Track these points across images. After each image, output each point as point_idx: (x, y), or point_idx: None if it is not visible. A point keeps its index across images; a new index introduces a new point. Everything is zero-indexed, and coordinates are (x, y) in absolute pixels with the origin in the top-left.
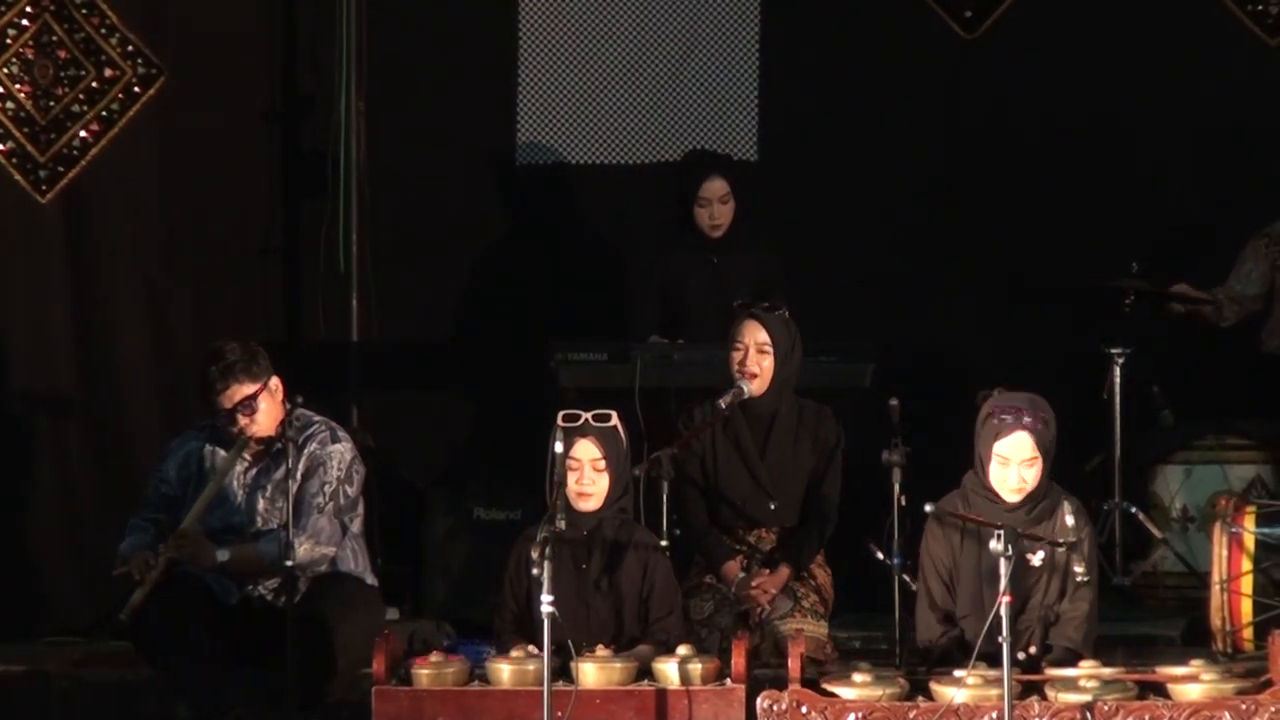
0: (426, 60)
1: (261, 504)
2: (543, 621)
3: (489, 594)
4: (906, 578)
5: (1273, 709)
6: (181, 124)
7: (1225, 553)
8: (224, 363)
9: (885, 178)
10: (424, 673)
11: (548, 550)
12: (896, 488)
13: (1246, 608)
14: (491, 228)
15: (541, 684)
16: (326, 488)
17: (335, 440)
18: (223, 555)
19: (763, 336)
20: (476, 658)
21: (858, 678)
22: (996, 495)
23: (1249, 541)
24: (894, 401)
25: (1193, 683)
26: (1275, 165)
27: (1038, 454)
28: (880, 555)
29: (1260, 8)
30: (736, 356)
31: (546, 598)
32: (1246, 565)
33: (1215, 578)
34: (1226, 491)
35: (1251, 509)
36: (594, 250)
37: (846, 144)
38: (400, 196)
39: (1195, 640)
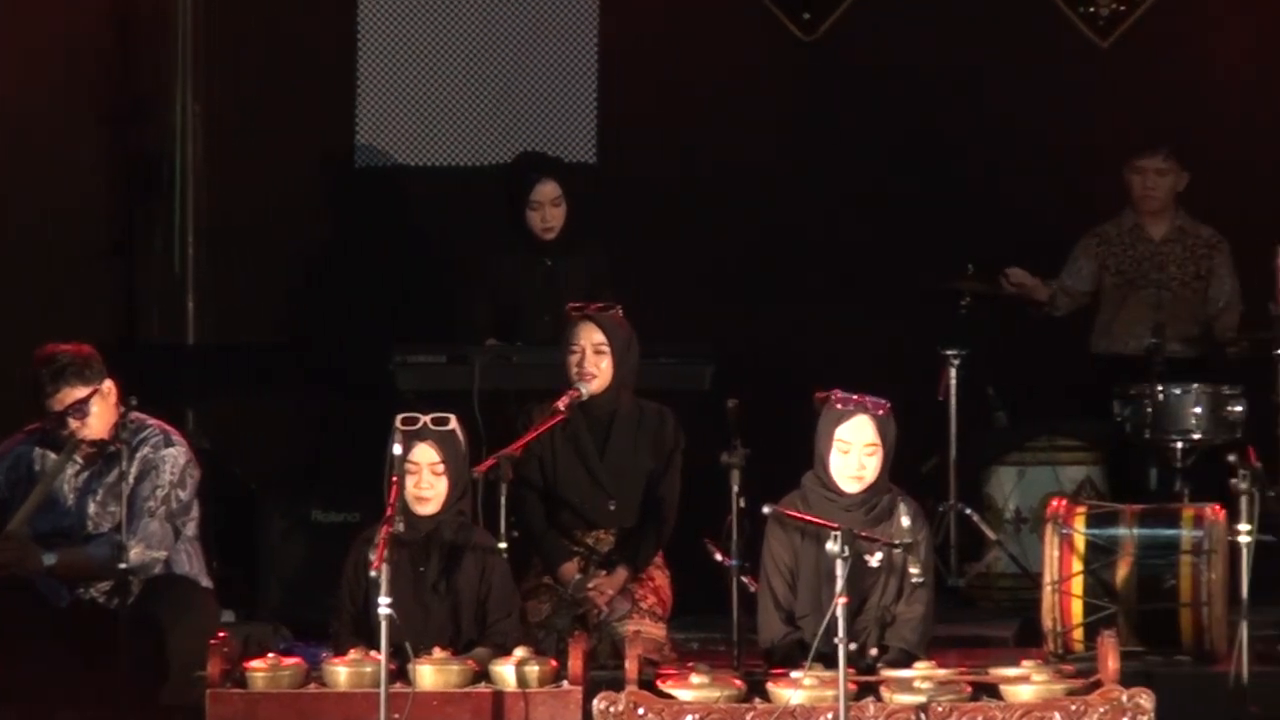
0: (264, 63)
1: (92, 508)
2: (380, 623)
3: (326, 596)
4: (745, 579)
5: (1102, 709)
6: (17, 125)
7: (1056, 554)
8: (55, 366)
9: (724, 179)
10: (259, 675)
11: (386, 552)
12: (735, 489)
13: (1077, 609)
14: (329, 230)
15: (378, 686)
16: (159, 491)
17: (169, 445)
18: (49, 559)
19: (599, 337)
20: (313, 660)
21: (695, 679)
22: (836, 490)
23: (1079, 543)
24: (732, 403)
25: (1024, 684)
26: (1107, 166)
27: (879, 442)
28: (719, 556)
29: (1091, 9)
30: (573, 359)
31: (384, 600)
32: (1077, 566)
33: (1046, 579)
34: (1058, 493)
35: (1082, 510)
36: (432, 252)
37: (686, 145)
38: (237, 199)
39: (1028, 641)
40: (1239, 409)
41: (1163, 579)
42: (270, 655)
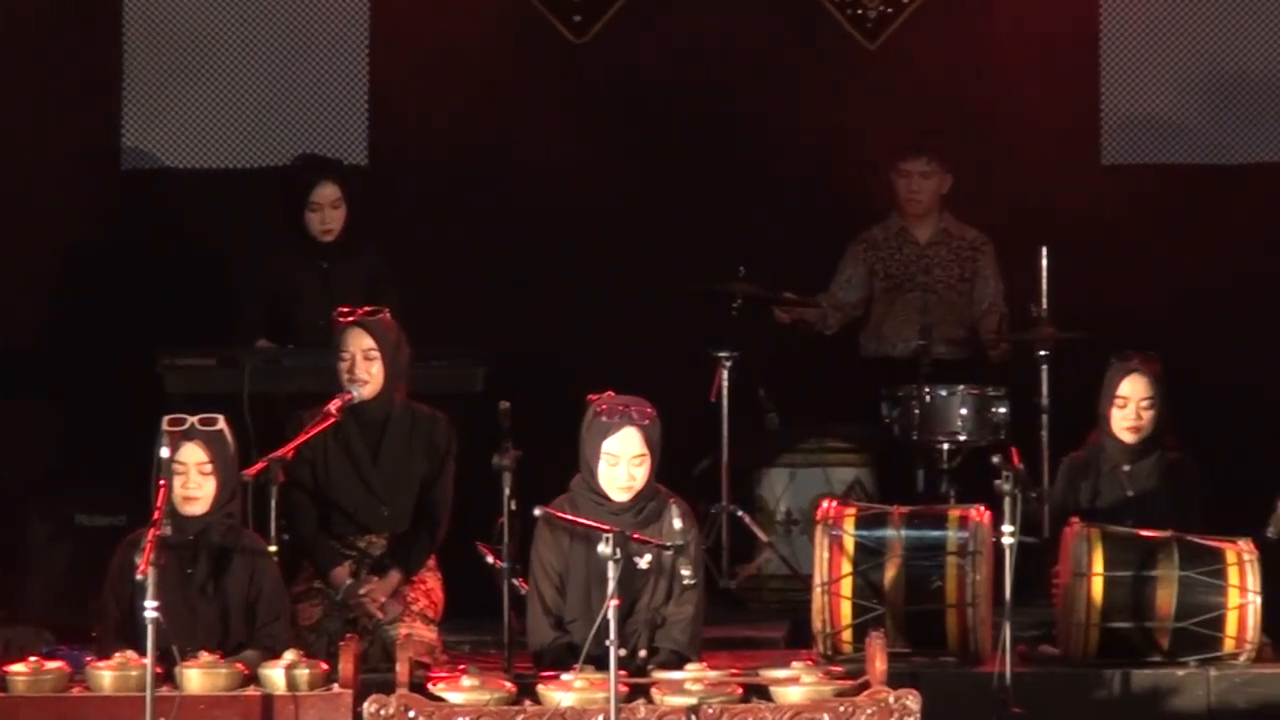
0: (25, 63)
1: None
2: (146, 626)
3: (91, 600)
4: (516, 581)
5: (870, 710)
6: None
7: (826, 555)
8: None
9: (497, 181)
10: (20, 679)
11: (152, 555)
12: (506, 491)
13: (846, 610)
14: (95, 233)
15: (144, 690)
16: None
17: None
18: None
19: (368, 343)
20: (77, 664)
21: (466, 681)
22: (605, 497)
23: (848, 544)
24: (504, 405)
25: (794, 685)
26: (874, 168)
27: (646, 451)
28: (490, 559)
29: (859, 12)
30: (344, 365)
31: (150, 603)
32: (846, 568)
33: (816, 580)
34: (828, 494)
35: (851, 511)
36: (202, 255)
37: (457, 147)
38: None
39: (798, 642)
40: (1003, 411)
41: (929, 580)
42: (32, 659)
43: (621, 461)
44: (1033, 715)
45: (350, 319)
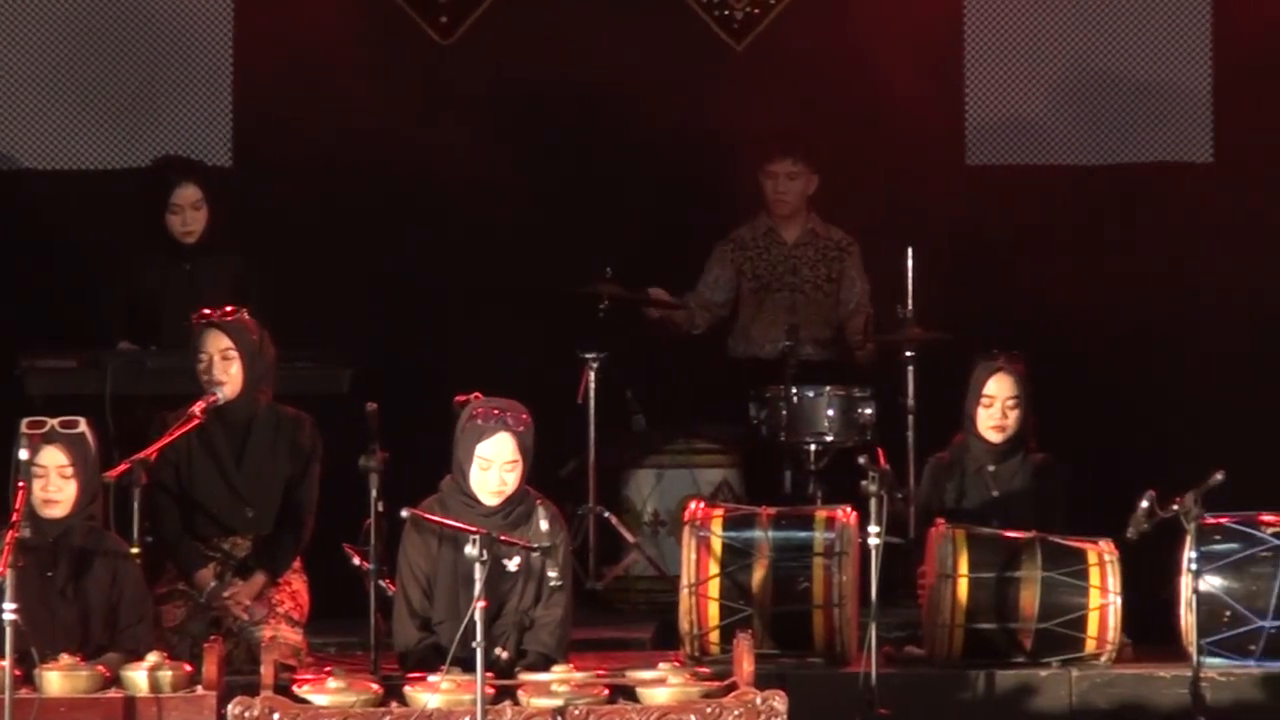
0: None
1: None
2: (4, 629)
3: None
4: (383, 583)
5: (736, 711)
6: None
7: (693, 556)
8: None
9: (363, 182)
10: None
11: (11, 557)
12: (373, 493)
13: (713, 611)
14: None
15: (2, 692)
16: None
17: None
18: None
19: (225, 343)
20: None
21: (331, 683)
22: (475, 500)
23: (716, 545)
24: (371, 406)
25: (661, 686)
26: (742, 169)
27: (519, 457)
28: (357, 561)
29: (726, 13)
30: (201, 366)
31: (8, 605)
32: (714, 569)
33: (684, 581)
34: (695, 495)
35: (718, 513)
36: (63, 257)
37: (323, 148)
38: None
39: (665, 644)
40: (869, 411)
41: (796, 581)
42: None
43: (494, 466)
44: (898, 716)
45: (208, 320)
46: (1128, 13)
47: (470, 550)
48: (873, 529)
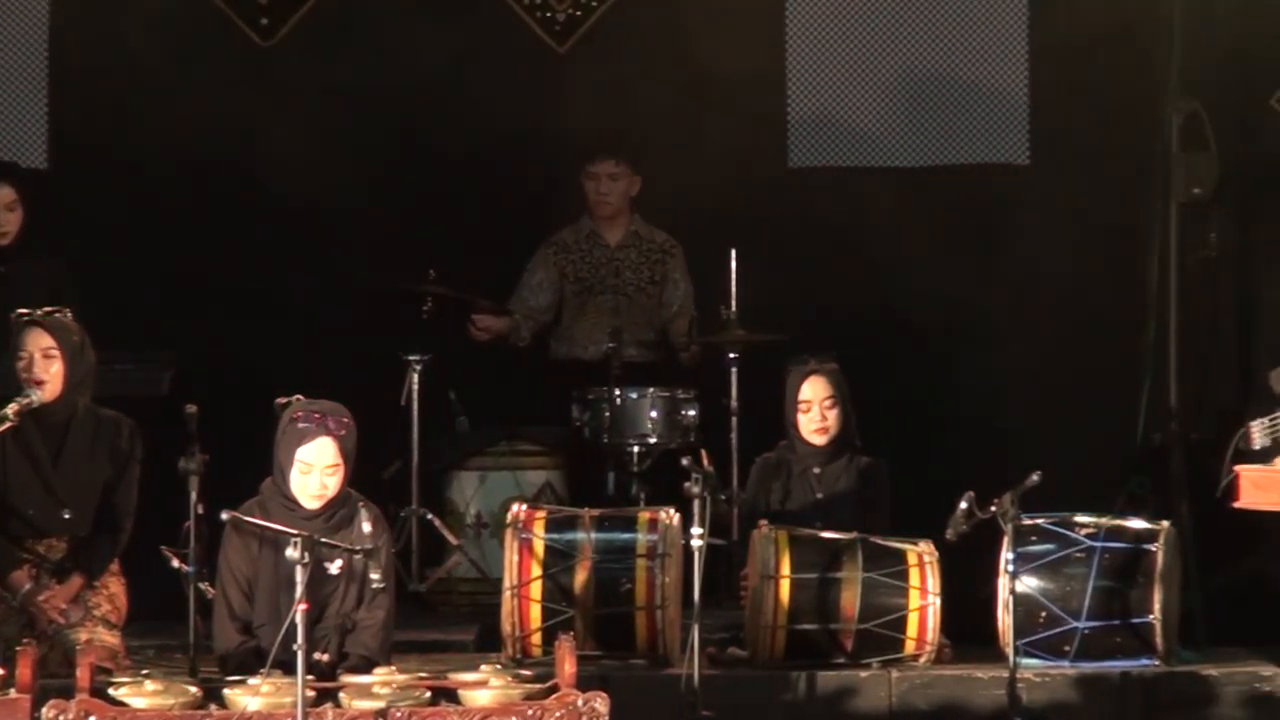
0: None
1: None
2: None
3: None
4: (204, 585)
5: (558, 713)
6: None
7: (516, 559)
8: None
9: (185, 182)
10: None
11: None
12: (193, 495)
13: (536, 613)
14: None
15: None
16: None
17: None
18: None
19: (46, 341)
20: None
21: (150, 686)
22: (296, 503)
23: (539, 547)
24: (191, 408)
25: (483, 688)
26: (565, 171)
27: (340, 461)
28: (176, 563)
29: (548, 14)
30: (21, 364)
31: None
32: (536, 571)
33: (507, 583)
34: (518, 497)
35: (542, 515)
36: None
37: (142, 149)
38: None
39: (488, 646)
40: (693, 413)
41: (619, 583)
42: None
43: (315, 470)
44: (720, 717)
45: (29, 318)
46: (947, 17)
47: (291, 553)
48: (695, 530)
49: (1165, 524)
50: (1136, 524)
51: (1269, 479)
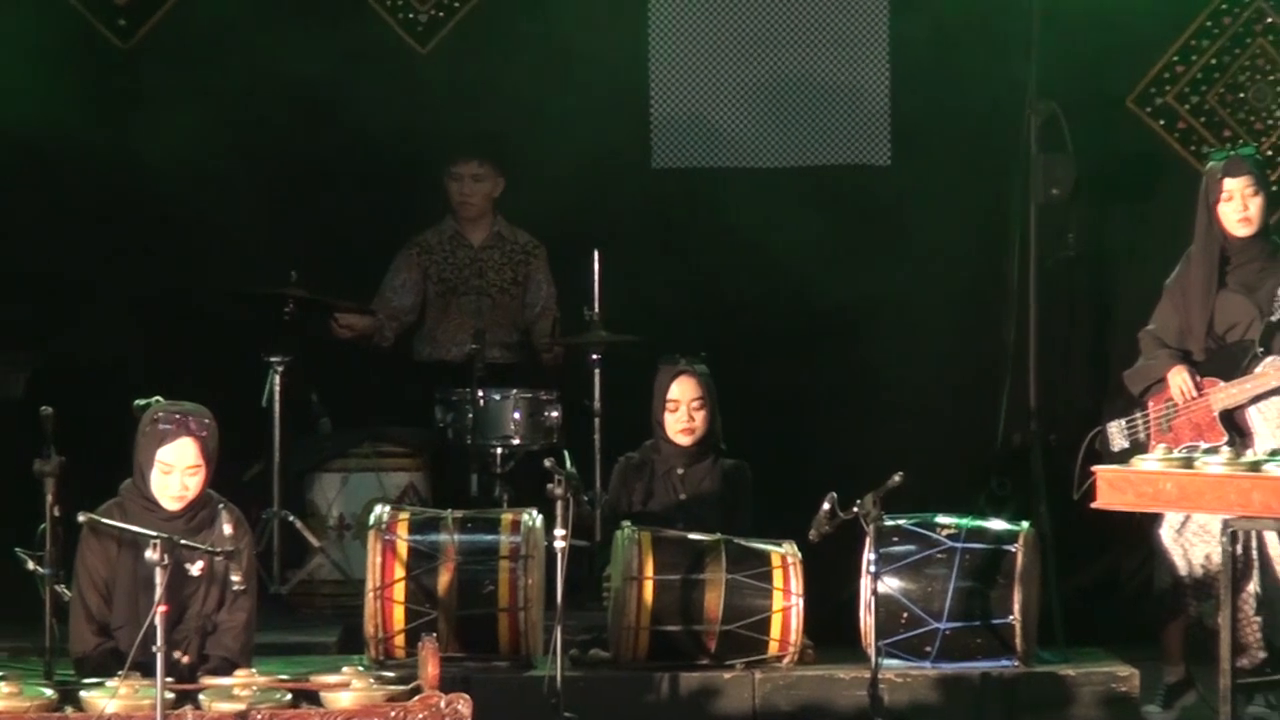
0: None
1: None
2: None
3: None
4: (60, 588)
5: (421, 715)
6: None
7: (379, 560)
8: None
9: (46, 182)
10: None
11: None
12: (49, 497)
13: (399, 615)
14: None
15: None
16: None
17: None
18: None
19: None
20: None
21: (4, 688)
22: (156, 504)
23: (402, 549)
24: (46, 410)
25: (345, 690)
26: (429, 172)
27: (201, 462)
28: (32, 565)
29: (411, 15)
30: None
31: None
32: (400, 572)
33: (370, 585)
34: (381, 499)
35: (405, 516)
36: None
37: (3, 149)
38: None
39: (351, 647)
40: (556, 414)
41: (482, 584)
42: None
43: (176, 471)
44: (583, 719)
45: None
46: (809, 19)
47: (151, 555)
48: (559, 532)
49: (1025, 525)
50: (996, 525)
51: (1124, 480)
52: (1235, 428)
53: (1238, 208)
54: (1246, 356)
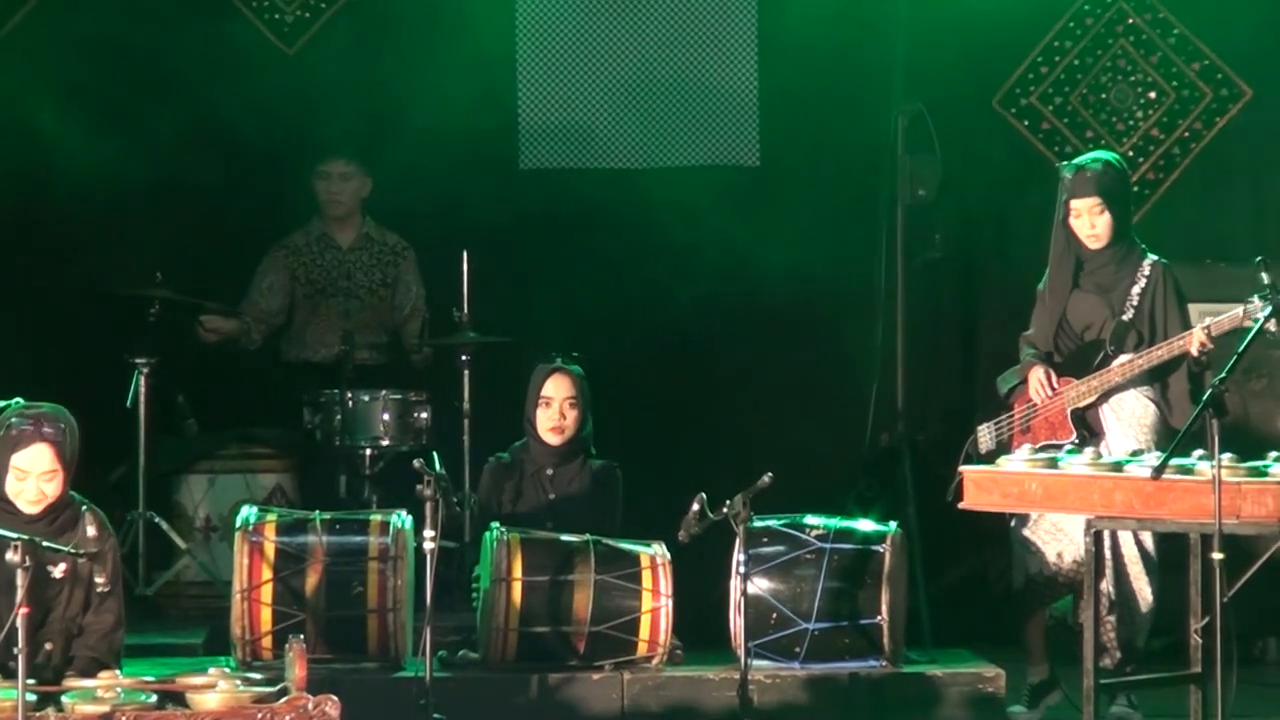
0: None
1: None
2: None
3: None
4: None
5: (289, 717)
6: None
7: (246, 562)
8: None
9: None
10: None
11: None
12: None
13: (267, 616)
14: None
15: None
16: None
17: None
18: None
19: None
20: None
21: None
22: (14, 507)
23: (269, 550)
24: None
25: (211, 692)
26: (296, 173)
27: (58, 466)
28: None
29: (277, 16)
30: None
31: None
32: (267, 574)
33: (237, 587)
34: (249, 500)
35: (273, 518)
36: None
37: None
38: None
39: (218, 649)
40: (425, 415)
41: (351, 586)
42: None
43: (31, 476)
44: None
45: None
46: (677, 20)
47: (11, 557)
48: (428, 533)
49: (893, 526)
50: (865, 526)
51: (990, 480)
52: (1086, 426)
53: (1085, 226)
54: (1098, 355)
